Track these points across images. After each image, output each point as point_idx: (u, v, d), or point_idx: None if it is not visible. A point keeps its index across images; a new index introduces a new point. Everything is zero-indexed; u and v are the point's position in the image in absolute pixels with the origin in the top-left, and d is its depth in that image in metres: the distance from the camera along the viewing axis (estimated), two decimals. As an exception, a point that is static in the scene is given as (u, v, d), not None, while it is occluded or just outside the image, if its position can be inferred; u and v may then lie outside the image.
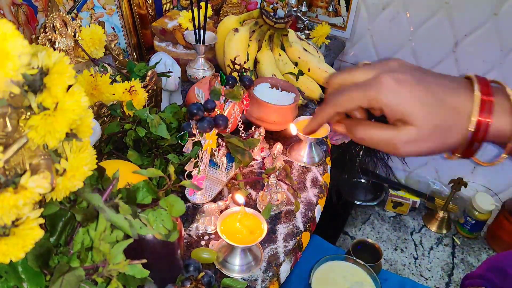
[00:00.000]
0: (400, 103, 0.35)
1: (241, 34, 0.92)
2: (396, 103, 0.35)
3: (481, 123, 0.34)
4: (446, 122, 0.35)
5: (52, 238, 0.39)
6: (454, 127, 0.35)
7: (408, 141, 0.35)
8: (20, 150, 0.32)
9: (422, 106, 0.34)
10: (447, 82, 0.36)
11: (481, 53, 1.37)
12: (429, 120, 0.34)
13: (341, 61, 1.66)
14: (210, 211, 0.63)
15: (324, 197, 0.75)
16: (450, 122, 0.35)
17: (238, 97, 0.70)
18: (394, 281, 0.96)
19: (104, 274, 0.37)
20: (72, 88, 0.33)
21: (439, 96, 0.35)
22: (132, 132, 0.69)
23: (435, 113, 0.34)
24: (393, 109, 0.35)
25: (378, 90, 0.35)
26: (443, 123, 0.35)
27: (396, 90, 0.35)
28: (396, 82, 0.35)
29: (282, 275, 0.61)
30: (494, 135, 0.35)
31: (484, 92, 0.35)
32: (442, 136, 0.35)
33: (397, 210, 1.72)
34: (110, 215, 0.39)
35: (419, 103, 0.34)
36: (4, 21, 0.27)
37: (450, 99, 0.35)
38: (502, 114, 0.34)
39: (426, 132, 0.35)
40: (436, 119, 0.35)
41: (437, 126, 0.35)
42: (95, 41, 0.76)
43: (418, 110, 0.34)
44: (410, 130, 0.35)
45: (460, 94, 0.35)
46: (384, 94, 0.35)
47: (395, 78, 0.35)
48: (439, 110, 0.35)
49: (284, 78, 0.96)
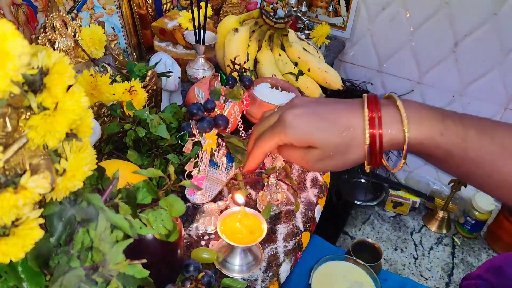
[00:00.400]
0: (302, 134, 0.41)
1: (241, 34, 0.92)
2: (299, 134, 0.41)
3: (374, 136, 0.40)
4: (345, 141, 0.41)
5: (52, 238, 0.39)
6: (353, 144, 0.41)
7: (315, 160, 0.42)
8: (20, 150, 0.32)
9: (320, 132, 0.41)
10: (341, 106, 0.42)
11: (481, 53, 1.37)
12: (329, 142, 0.40)
13: (341, 61, 1.66)
14: (210, 211, 0.63)
15: (324, 197, 0.75)
16: (348, 140, 0.41)
17: (238, 97, 0.70)
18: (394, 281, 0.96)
19: (104, 274, 0.37)
20: (72, 88, 0.33)
21: (333, 120, 0.41)
22: (132, 132, 0.69)
23: (332, 135, 0.40)
24: (298, 140, 0.41)
25: (282, 128, 0.42)
26: (342, 142, 0.41)
27: (296, 124, 0.41)
28: (295, 117, 0.42)
29: (282, 275, 0.61)
30: (390, 144, 0.40)
31: (371, 109, 0.40)
32: (344, 153, 0.41)
33: (397, 210, 1.72)
34: (110, 215, 0.39)
35: (317, 130, 0.41)
36: (4, 21, 0.27)
37: (344, 122, 0.41)
38: (393, 124, 0.40)
39: (329, 152, 0.41)
40: (335, 140, 0.40)
41: (337, 145, 0.41)
42: (95, 41, 0.76)
43: (317, 136, 0.41)
44: (315, 152, 0.41)
45: (353, 115, 0.41)
46: (288, 130, 0.41)
47: (293, 114, 0.42)
48: (336, 132, 0.40)
49: (284, 78, 0.96)
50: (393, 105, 0.41)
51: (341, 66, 1.67)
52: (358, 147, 0.41)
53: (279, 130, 0.42)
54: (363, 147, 0.41)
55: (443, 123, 0.40)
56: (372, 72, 1.62)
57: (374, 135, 0.40)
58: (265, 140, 0.44)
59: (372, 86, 1.64)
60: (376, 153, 0.41)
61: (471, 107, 1.49)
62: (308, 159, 0.42)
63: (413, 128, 0.40)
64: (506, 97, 1.41)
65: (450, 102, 1.52)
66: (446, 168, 0.44)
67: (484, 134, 0.40)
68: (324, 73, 0.97)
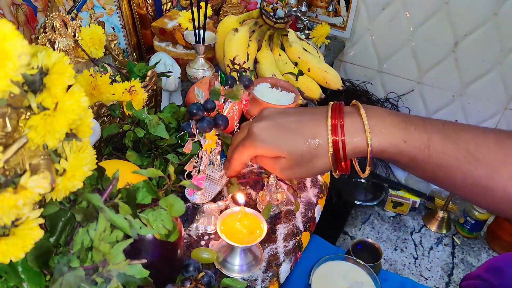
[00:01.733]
0: (268, 145, 0.43)
1: (241, 34, 0.92)
2: (266, 146, 0.43)
3: (336, 143, 0.41)
4: (309, 150, 0.42)
5: (52, 238, 0.39)
6: (318, 153, 0.42)
7: (283, 168, 0.44)
8: (20, 150, 0.32)
9: (285, 142, 0.42)
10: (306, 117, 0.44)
11: (481, 53, 1.37)
12: (294, 151, 0.42)
13: (341, 61, 1.66)
14: (210, 211, 0.63)
15: (324, 197, 0.75)
16: (313, 149, 0.42)
17: (237, 97, 0.70)
18: (394, 281, 0.96)
19: (104, 274, 0.37)
20: (72, 88, 0.33)
21: (298, 131, 0.42)
22: (131, 133, 0.69)
23: (297, 145, 0.42)
24: (266, 151, 0.43)
25: (251, 141, 0.44)
26: (306, 151, 0.42)
27: (262, 137, 0.43)
28: (261, 130, 0.43)
29: (282, 275, 0.61)
30: (355, 152, 0.41)
31: (334, 117, 0.42)
32: (310, 161, 0.42)
33: (397, 210, 1.72)
34: (110, 215, 0.39)
35: (282, 140, 0.42)
36: (4, 21, 0.27)
37: (308, 131, 0.42)
38: (356, 132, 0.41)
39: (296, 160, 0.42)
40: (300, 149, 0.42)
41: (303, 155, 0.42)
42: (95, 41, 0.76)
43: (283, 146, 0.42)
44: (282, 161, 0.43)
45: (318, 124, 0.42)
46: (256, 143, 0.43)
47: (259, 127, 0.44)
48: (301, 142, 0.42)
49: (284, 78, 0.96)
50: (356, 113, 0.42)
51: (341, 66, 1.67)
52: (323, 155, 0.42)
53: (248, 143, 0.44)
54: (327, 155, 0.42)
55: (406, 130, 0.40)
56: (372, 72, 1.62)
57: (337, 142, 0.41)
58: (239, 152, 0.46)
59: (372, 86, 1.65)
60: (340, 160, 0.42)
61: (471, 107, 1.49)
62: (277, 167, 0.44)
63: (375, 137, 0.40)
64: (506, 97, 1.41)
65: (450, 102, 1.52)
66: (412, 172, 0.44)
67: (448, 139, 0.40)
68: (324, 73, 0.97)
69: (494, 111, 1.45)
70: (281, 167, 0.44)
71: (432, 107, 1.57)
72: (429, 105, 1.57)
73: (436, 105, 1.56)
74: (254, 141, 0.44)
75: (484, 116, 1.48)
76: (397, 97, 1.61)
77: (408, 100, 1.60)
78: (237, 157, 0.47)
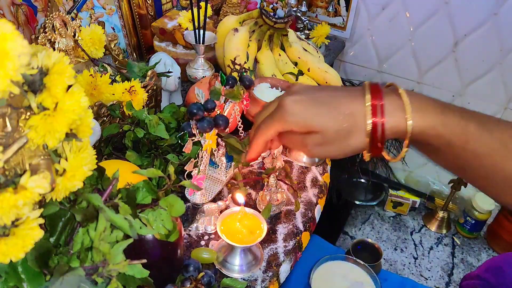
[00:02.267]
0: (301, 119, 0.41)
1: (241, 34, 0.92)
2: (298, 119, 0.41)
3: (376, 124, 0.39)
4: (345, 126, 0.40)
5: (52, 238, 0.39)
6: (354, 130, 0.40)
7: (315, 144, 0.42)
8: (20, 150, 0.32)
9: (320, 117, 0.40)
10: (341, 93, 0.42)
11: (481, 53, 1.37)
12: (329, 127, 0.40)
13: (341, 61, 1.66)
14: (210, 211, 0.63)
15: (324, 197, 0.75)
16: (349, 126, 0.40)
17: (238, 97, 0.70)
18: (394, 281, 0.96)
19: (104, 274, 0.37)
20: (72, 88, 0.33)
21: (333, 106, 0.41)
22: (131, 133, 0.69)
23: (333, 120, 0.40)
24: (298, 125, 0.41)
25: (282, 114, 0.42)
26: (342, 127, 0.40)
27: (295, 110, 0.41)
28: (294, 103, 0.42)
29: (282, 275, 0.61)
30: (392, 132, 0.40)
31: (374, 97, 0.40)
32: (345, 138, 0.41)
33: (397, 210, 1.72)
34: (110, 215, 0.39)
35: (317, 115, 0.41)
36: (4, 21, 0.27)
37: (344, 107, 0.41)
38: (395, 112, 0.39)
39: (330, 137, 0.40)
40: (335, 125, 0.40)
41: (338, 131, 0.40)
42: (95, 41, 0.76)
43: (317, 120, 0.40)
44: (316, 136, 0.41)
45: (355, 102, 0.41)
46: (287, 116, 0.41)
47: (292, 100, 0.42)
48: (336, 117, 0.40)
49: (284, 78, 0.96)
50: (395, 94, 0.41)
51: (341, 66, 1.67)
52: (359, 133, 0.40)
53: (278, 116, 0.42)
54: (363, 134, 0.40)
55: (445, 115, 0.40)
56: (372, 72, 1.62)
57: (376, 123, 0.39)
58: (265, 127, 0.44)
59: (372, 86, 1.64)
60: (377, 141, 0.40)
61: (471, 107, 1.47)
62: (307, 143, 0.42)
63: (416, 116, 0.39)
64: (506, 97, 1.41)
65: (450, 102, 1.52)
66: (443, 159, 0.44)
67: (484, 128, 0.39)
68: (324, 73, 0.97)
69: (494, 111, 1.45)
70: (311, 143, 0.42)
71: (432, 107, 1.57)
72: (429, 105, 1.57)
73: (436, 105, 1.55)
74: (286, 114, 0.41)
75: (484, 116, 1.48)
76: (398, 92, 1.60)
77: (408, 100, 1.60)
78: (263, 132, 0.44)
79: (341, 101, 0.41)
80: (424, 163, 1.71)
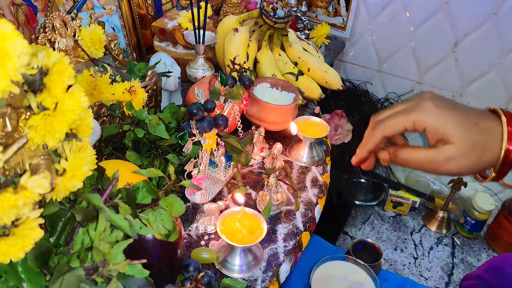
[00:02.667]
0: (441, 123, 0.40)
1: (241, 34, 0.92)
2: (437, 123, 0.40)
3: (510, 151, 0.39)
4: (481, 141, 0.39)
5: (52, 238, 0.39)
6: (488, 146, 0.40)
7: (448, 159, 0.40)
8: (20, 150, 0.32)
9: (459, 126, 0.39)
10: (476, 109, 0.42)
11: (481, 53, 1.37)
12: (466, 138, 0.39)
13: (341, 61, 1.66)
14: (210, 211, 0.63)
15: (324, 197, 0.75)
16: (485, 141, 0.40)
17: (238, 97, 0.70)
18: (394, 281, 0.96)
19: (104, 274, 0.37)
20: (72, 88, 0.33)
21: (472, 118, 0.40)
22: (131, 133, 0.69)
23: (470, 132, 0.39)
24: (435, 128, 0.40)
25: (421, 112, 0.41)
26: (478, 141, 0.39)
27: (436, 112, 0.40)
28: (436, 106, 0.41)
29: (282, 275, 0.61)
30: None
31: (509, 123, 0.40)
32: (479, 153, 0.40)
33: (397, 210, 1.72)
34: (110, 215, 0.39)
35: (457, 123, 0.40)
36: (4, 21, 0.27)
37: (482, 122, 0.40)
38: None
39: (464, 150, 0.39)
40: (472, 137, 0.39)
41: (473, 144, 0.39)
42: (95, 41, 0.76)
43: (455, 129, 0.39)
44: (450, 148, 0.40)
45: (490, 119, 0.41)
46: (427, 115, 0.40)
47: (435, 103, 0.41)
48: (474, 130, 0.40)
49: (284, 78, 0.96)
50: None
51: (341, 66, 1.67)
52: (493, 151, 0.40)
53: (415, 114, 0.41)
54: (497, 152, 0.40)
55: None
56: (372, 72, 1.62)
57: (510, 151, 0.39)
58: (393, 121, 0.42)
59: (372, 86, 1.65)
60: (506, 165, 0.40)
61: (471, 107, 1.49)
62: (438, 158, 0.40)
63: None
64: (506, 97, 1.41)
65: (450, 102, 1.52)
66: None
67: None
68: (324, 73, 0.97)
69: (494, 111, 1.45)
70: (444, 156, 0.40)
71: (432, 107, 1.57)
72: (429, 105, 1.57)
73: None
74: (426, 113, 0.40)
75: (484, 116, 1.48)
76: (397, 97, 1.61)
77: (408, 100, 1.60)
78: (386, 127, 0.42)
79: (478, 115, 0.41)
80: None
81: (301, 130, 0.78)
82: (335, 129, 1.41)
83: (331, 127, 1.40)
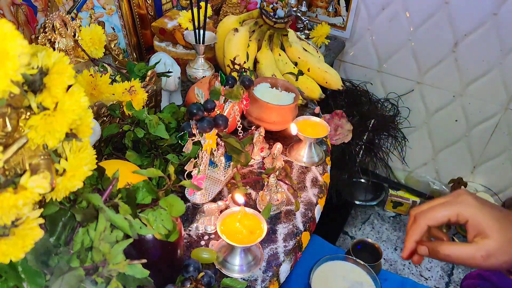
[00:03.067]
0: (481, 217, 0.43)
1: (241, 34, 0.92)
2: (479, 216, 0.43)
3: None
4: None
5: (52, 238, 0.39)
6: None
7: (488, 255, 0.42)
8: (20, 150, 0.32)
9: (496, 221, 0.42)
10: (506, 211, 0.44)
11: (481, 53, 1.37)
12: (504, 234, 0.42)
13: (341, 61, 1.66)
14: (210, 211, 0.63)
15: (324, 197, 0.75)
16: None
17: (237, 97, 0.70)
18: (394, 281, 0.96)
19: (104, 274, 0.37)
20: (72, 88, 0.33)
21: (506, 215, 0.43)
22: (131, 133, 0.69)
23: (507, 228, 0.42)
24: (477, 221, 0.43)
25: (464, 205, 0.44)
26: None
27: (477, 206, 0.43)
28: (476, 201, 0.44)
29: (282, 275, 0.61)
30: None
31: None
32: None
33: (397, 210, 1.72)
34: (110, 215, 0.39)
35: (495, 219, 0.42)
36: (4, 21, 0.27)
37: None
38: None
39: (502, 245, 0.42)
40: (509, 233, 0.42)
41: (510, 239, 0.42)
42: (95, 41, 0.76)
43: (494, 224, 0.42)
44: (489, 243, 0.42)
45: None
46: (471, 208, 0.43)
47: (475, 197, 0.45)
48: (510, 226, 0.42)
49: (284, 78, 0.96)
50: None
51: (341, 66, 1.67)
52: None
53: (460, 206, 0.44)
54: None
55: None
56: (372, 72, 1.62)
57: None
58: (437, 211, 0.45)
59: (372, 86, 1.65)
60: None
61: (471, 107, 1.49)
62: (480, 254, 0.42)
63: None
64: (506, 97, 1.41)
65: (450, 102, 1.52)
66: None
67: None
68: (324, 73, 0.97)
69: (494, 111, 1.45)
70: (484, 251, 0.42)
71: (432, 107, 1.57)
72: (429, 105, 1.57)
73: (436, 105, 1.56)
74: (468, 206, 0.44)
75: (484, 116, 1.48)
76: (397, 97, 1.61)
77: (408, 100, 1.60)
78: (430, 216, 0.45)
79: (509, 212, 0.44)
80: (424, 163, 1.71)
81: (301, 130, 0.79)
82: (335, 129, 1.41)
83: (331, 127, 1.40)
